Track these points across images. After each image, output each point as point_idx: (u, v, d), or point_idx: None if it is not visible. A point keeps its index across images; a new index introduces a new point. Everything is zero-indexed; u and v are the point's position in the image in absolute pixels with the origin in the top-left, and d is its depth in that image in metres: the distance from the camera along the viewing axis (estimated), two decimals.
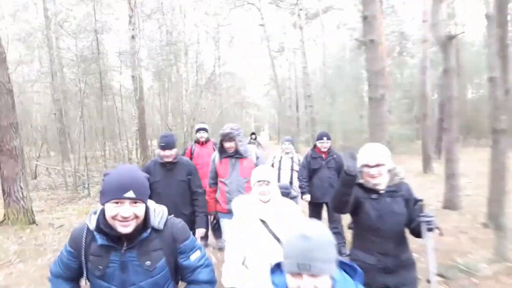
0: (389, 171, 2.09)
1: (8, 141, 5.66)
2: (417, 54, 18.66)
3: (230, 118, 26.07)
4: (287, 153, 5.06)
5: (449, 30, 7.12)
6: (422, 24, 12.09)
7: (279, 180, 4.80)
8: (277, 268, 1.27)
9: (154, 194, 3.03)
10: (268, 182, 2.18)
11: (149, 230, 1.37)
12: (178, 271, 1.53)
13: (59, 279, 1.53)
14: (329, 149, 4.60)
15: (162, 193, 3.12)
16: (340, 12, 22.69)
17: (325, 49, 23.69)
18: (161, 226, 1.42)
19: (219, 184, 3.41)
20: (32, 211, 6.12)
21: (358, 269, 1.26)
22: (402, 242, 2.12)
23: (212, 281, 1.58)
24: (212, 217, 3.70)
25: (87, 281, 1.46)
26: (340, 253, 1.67)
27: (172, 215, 1.53)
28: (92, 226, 1.36)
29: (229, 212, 3.07)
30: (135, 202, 1.31)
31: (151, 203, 1.48)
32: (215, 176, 3.44)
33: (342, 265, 1.24)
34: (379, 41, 5.28)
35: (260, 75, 33.78)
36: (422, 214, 1.96)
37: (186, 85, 14.73)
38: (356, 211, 2.12)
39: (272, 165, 5.08)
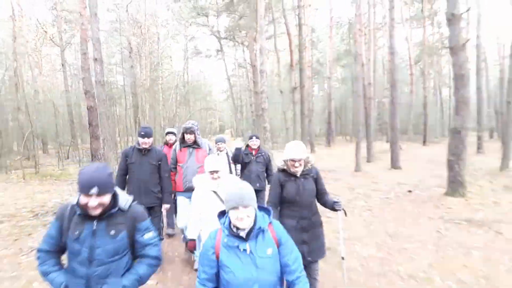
0: (304, 160, 2.81)
1: (104, 147, 12.25)
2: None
3: (196, 119, 32.71)
4: (221, 151, 5.61)
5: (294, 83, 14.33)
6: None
7: None
8: (221, 215, 1.91)
9: (130, 172, 3.85)
10: (218, 171, 2.97)
11: (116, 208, 1.82)
12: (134, 246, 1.89)
13: (46, 254, 1.85)
14: (258, 147, 5.26)
15: (135, 172, 3.77)
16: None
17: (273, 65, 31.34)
18: (126, 207, 1.86)
19: (178, 168, 4.10)
20: None
21: (270, 209, 1.92)
22: (313, 209, 2.87)
23: (158, 258, 1.94)
24: (173, 195, 4.20)
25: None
26: None
27: (136, 202, 1.97)
28: (75, 201, 1.78)
29: (184, 191, 3.99)
30: (100, 195, 1.69)
31: (121, 191, 1.91)
32: (175, 162, 4.12)
33: (261, 208, 1.91)
34: (261, 90, 12.54)
35: (222, 82, 40.62)
36: (335, 200, 2.87)
37: (167, 96, 21.39)
38: (281, 190, 2.84)
39: None
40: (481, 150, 16.93)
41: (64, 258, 1.87)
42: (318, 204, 2.99)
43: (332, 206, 2.87)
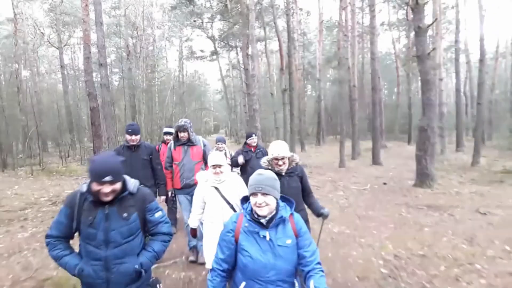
0: (289, 158, 2.90)
1: (108, 145, 13.08)
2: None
3: (192, 119, 33.64)
4: (220, 151, 5.78)
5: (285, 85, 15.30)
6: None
7: None
8: (244, 200, 2.00)
9: None
10: (221, 165, 3.02)
11: (126, 192, 1.92)
12: (145, 224, 2.05)
13: (55, 240, 1.92)
14: (257, 144, 5.63)
15: (128, 169, 4.05)
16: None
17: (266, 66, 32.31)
18: (135, 190, 1.97)
19: (174, 166, 4.20)
20: None
21: (293, 201, 1.99)
22: (299, 206, 2.89)
23: (170, 233, 2.11)
24: (171, 193, 4.44)
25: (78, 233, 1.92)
26: None
27: (142, 185, 2.07)
28: (84, 190, 1.88)
29: (182, 188, 4.16)
30: (113, 183, 1.79)
31: (127, 176, 2.01)
32: (171, 161, 4.23)
33: (283, 199, 1.97)
34: (253, 92, 13.50)
35: (217, 82, 41.48)
36: (322, 210, 3.00)
37: (163, 97, 22.26)
38: None
39: None
40: (459, 148, 18.06)
41: (74, 243, 1.99)
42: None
43: (317, 213, 3.01)
